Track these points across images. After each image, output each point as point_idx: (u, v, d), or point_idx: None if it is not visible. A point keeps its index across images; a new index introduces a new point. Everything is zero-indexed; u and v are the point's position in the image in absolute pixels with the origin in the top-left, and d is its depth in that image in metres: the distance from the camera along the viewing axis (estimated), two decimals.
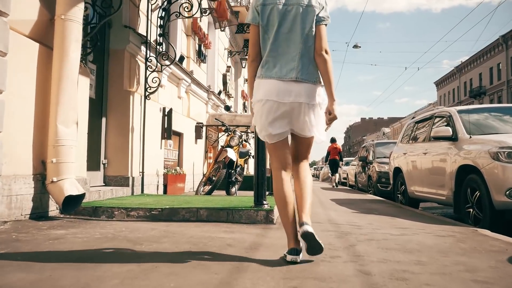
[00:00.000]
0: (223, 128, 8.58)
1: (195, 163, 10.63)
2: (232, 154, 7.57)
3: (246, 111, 19.99)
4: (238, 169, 8.40)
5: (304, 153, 2.88)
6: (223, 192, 8.79)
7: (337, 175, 16.50)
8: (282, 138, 2.79)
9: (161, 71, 7.18)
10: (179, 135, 9.58)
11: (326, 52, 2.72)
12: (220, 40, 13.98)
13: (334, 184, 16.16)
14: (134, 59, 6.96)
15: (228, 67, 15.32)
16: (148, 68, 7.04)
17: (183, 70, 9.14)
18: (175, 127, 8.90)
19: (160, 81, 7.07)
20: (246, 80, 20.64)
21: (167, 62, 7.38)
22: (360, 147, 17.18)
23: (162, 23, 7.11)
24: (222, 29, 12.37)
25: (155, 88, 7.06)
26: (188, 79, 9.64)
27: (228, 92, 14.98)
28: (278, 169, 2.79)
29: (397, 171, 8.95)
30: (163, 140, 8.19)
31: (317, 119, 2.73)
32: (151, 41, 7.13)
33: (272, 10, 2.72)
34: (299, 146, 2.87)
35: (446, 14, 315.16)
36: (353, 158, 25.44)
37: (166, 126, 8.13)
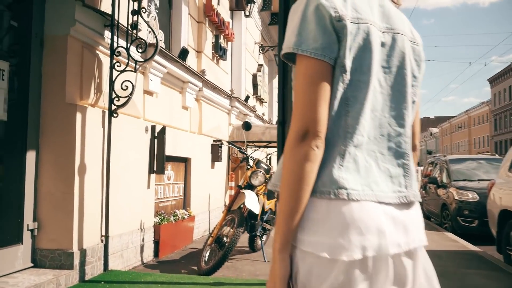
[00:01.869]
0: (241, 156, 5.74)
1: (212, 195, 7.88)
2: (253, 203, 4.73)
3: None
4: (267, 215, 5.58)
5: None
6: (245, 241, 5.99)
7: None
8: None
9: (135, 70, 4.44)
10: (185, 160, 6.85)
11: None
12: (249, 32, 11.20)
13: None
14: (90, 52, 4.26)
15: (260, 65, 12.53)
16: (116, 66, 4.33)
17: (188, 69, 6.42)
18: (175, 151, 6.18)
19: (134, 86, 4.34)
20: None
21: (154, 56, 4.65)
22: (425, 162, 13.95)
23: None
24: (247, 13, 9.59)
25: (125, 99, 4.34)
26: (197, 82, 6.91)
27: (260, 96, 12.18)
28: None
29: (508, 215, 5.86)
30: (153, 175, 5.47)
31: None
32: (120, 22, 4.40)
33: (369, 36, 1.10)
34: None
35: (495, 7, 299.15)
36: None
37: (156, 153, 5.41)
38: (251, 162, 5.24)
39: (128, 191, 4.84)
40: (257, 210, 4.77)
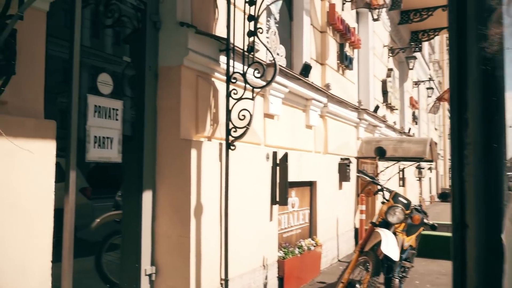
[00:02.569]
0: (373, 188, 5.00)
1: (340, 218, 7.22)
2: (391, 248, 3.97)
3: (416, 123, 15.65)
4: (406, 253, 4.77)
5: None
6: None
7: None
8: None
9: (253, 98, 4.02)
10: (310, 184, 6.31)
11: None
12: (376, 35, 10.29)
13: None
14: (204, 81, 3.96)
15: (389, 70, 11.48)
16: (232, 93, 3.97)
17: (312, 85, 5.88)
18: (299, 176, 5.68)
19: (251, 116, 3.93)
20: (416, 84, 16.11)
21: (270, 79, 4.19)
22: None
23: (255, 12, 3.97)
24: (375, 17, 8.73)
25: (243, 129, 3.94)
26: (322, 98, 6.34)
27: (390, 104, 11.14)
28: None
29: None
30: (276, 206, 5.03)
31: None
32: (236, 45, 4.03)
33: None
34: None
35: None
36: None
37: (279, 182, 4.96)
38: (387, 195, 4.49)
39: (249, 227, 4.45)
40: (396, 256, 4.01)
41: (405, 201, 4.37)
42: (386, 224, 4.32)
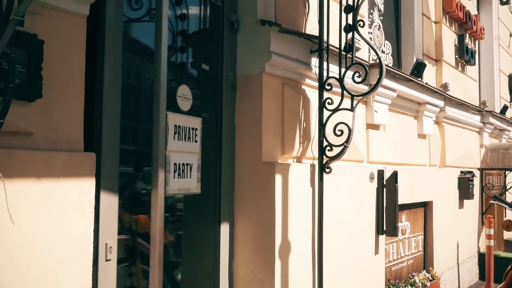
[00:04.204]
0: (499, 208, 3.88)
1: (460, 243, 6.05)
2: None
3: None
4: None
5: None
6: None
7: None
8: None
9: (353, 109, 3.21)
10: (424, 205, 5.29)
11: None
12: (502, 22, 8.74)
13: None
14: (292, 90, 3.26)
15: None
16: (326, 103, 3.22)
17: (426, 87, 4.89)
18: (411, 196, 4.74)
19: (350, 131, 3.15)
20: None
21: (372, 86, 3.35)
22: None
23: (354, 1, 3.18)
24: (504, 0, 7.31)
25: (340, 148, 3.17)
26: (438, 101, 5.29)
27: None
28: None
29: None
30: (382, 236, 4.16)
31: None
32: (331, 45, 3.27)
33: None
34: None
35: None
36: None
37: (386, 207, 4.09)
38: None
39: (348, 264, 3.66)
40: None
41: None
42: None
